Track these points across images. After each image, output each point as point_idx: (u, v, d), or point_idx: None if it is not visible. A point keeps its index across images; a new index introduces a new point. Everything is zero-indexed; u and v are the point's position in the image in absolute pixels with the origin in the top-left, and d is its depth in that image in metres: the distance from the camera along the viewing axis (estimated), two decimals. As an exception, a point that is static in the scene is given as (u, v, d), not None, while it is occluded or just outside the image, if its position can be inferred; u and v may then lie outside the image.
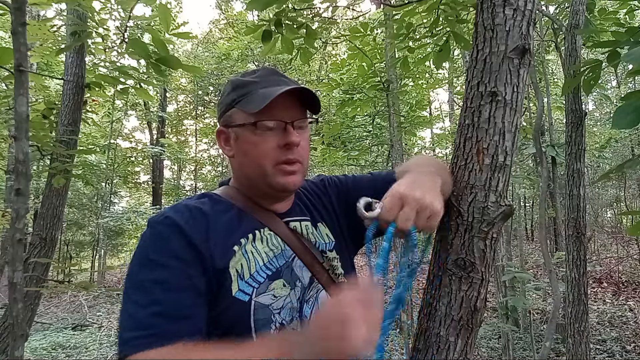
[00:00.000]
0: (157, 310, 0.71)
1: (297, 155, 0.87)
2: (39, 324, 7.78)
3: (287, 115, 0.86)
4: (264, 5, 2.18)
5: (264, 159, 0.86)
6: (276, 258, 0.86)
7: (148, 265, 0.76)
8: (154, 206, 13.59)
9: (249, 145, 0.87)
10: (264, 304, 0.81)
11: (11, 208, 1.21)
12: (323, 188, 1.06)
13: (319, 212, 1.00)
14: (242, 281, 0.80)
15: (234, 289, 0.79)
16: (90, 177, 9.80)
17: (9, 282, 1.18)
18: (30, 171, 1.21)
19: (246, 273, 0.81)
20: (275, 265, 0.85)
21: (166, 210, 0.83)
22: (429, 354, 0.92)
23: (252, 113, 0.84)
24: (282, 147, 0.85)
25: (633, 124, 1.42)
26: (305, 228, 0.94)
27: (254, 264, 0.82)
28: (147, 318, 0.71)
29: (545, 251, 2.80)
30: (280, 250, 0.88)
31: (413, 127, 7.07)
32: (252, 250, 0.84)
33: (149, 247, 0.78)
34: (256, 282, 0.81)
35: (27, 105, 1.21)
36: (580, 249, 2.81)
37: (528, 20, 0.95)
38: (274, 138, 0.85)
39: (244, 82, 0.89)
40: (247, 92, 0.87)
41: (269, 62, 11.08)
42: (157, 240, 0.78)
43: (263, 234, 0.88)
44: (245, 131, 0.86)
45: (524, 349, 5.53)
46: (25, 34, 1.21)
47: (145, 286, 0.74)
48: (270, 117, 0.84)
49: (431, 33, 2.84)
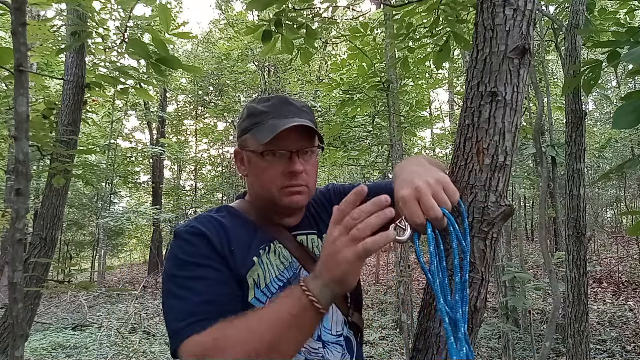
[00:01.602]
0: (203, 299, 0.80)
1: (301, 180, 0.95)
2: (39, 324, 7.78)
3: (293, 145, 0.94)
4: (264, 5, 2.19)
5: (271, 184, 0.95)
6: (286, 270, 0.94)
7: (184, 267, 0.85)
8: (153, 206, 13.59)
9: (258, 170, 0.96)
10: None
11: (11, 208, 1.21)
12: (329, 197, 1.12)
13: (324, 224, 1.03)
14: (258, 290, 0.88)
15: (250, 295, 0.87)
16: (90, 177, 9.79)
17: (9, 282, 1.18)
18: (30, 171, 1.20)
19: (262, 282, 0.89)
20: (286, 277, 0.93)
21: (191, 221, 0.93)
22: (429, 354, 0.92)
23: (261, 143, 0.92)
24: (287, 174, 0.94)
25: (633, 124, 1.42)
26: (311, 241, 1.02)
27: (269, 275, 0.91)
28: (195, 307, 0.79)
29: (545, 251, 2.80)
30: (289, 263, 0.95)
31: (413, 127, 7.07)
32: (267, 262, 0.92)
33: (182, 252, 0.87)
34: (270, 292, 0.89)
35: (27, 105, 1.21)
36: (580, 249, 2.81)
37: (528, 20, 0.95)
38: (279, 165, 0.94)
39: (257, 110, 0.98)
40: (258, 121, 0.96)
41: (269, 62, 11.08)
42: (187, 245, 0.87)
43: (275, 247, 0.96)
44: (255, 157, 0.96)
45: (524, 349, 5.54)
46: (25, 34, 1.21)
47: (187, 284, 0.82)
48: (277, 147, 0.93)
49: (431, 33, 2.84)
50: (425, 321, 0.94)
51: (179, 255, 0.86)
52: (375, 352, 6.06)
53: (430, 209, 0.76)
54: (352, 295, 1.02)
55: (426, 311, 0.95)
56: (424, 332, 0.94)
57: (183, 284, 0.83)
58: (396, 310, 7.14)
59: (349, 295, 1.01)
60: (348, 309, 1.00)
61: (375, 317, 7.74)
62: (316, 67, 12.96)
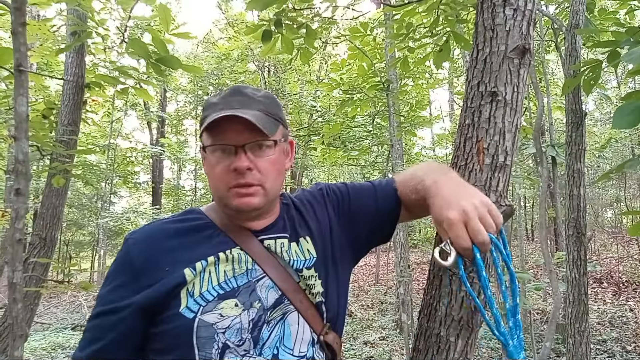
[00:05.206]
0: (93, 350, 0.82)
1: (250, 178, 0.84)
2: (39, 324, 7.79)
3: (238, 139, 0.84)
4: (264, 5, 2.18)
5: (219, 182, 0.86)
6: (235, 278, 0.84)
7: (105, 281, 0.87)
8: (153, 206, 13.59)
9: (209, 168, 0.89)
10: (207, 323, 0.80)
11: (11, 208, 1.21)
12: (320, 197, 1.02)
13: (307, 225, 0.97)
14: (192, 299, 0.81)
15: (182, 305, 0.80)
16: (90, 177, 9.80)
17: (8, 282, 1.18)
18: (30, 171, 1.20)
19: (196, 291, 0.82)
20: (232, 285, 0.84)
21: (138, 230, 0.91)
22: (429, 354, 0.91)
23: (207, 136, 0.86)
24: (232, 172, 0.84)
25: (633, 124, 1.42)
26: (280, 246, 0.91)
27: (206, 284, 0.83)
28: (87, 354, 0.82)
29: (546, 251, 2.80)
30: (245, 270, 0.86)
31: (413, 127, 7.07)
32: (211, 270, 0.84)
33: (113, 263, 0.88)
34: (204, 301, 0.81)
35: (27, 105, 1.21)
36: (581, 249, 2.81)
37: (528, 20, 0.94)
38: (225, 162, 0.85)
39: (209, 103, 0.91)
40: (207, 114, 0.88)
41: (269, 62, 11.07)
42: (117, 259, 0.88)
43: (230, 253, 0.86)
44: (207, 153, 0.88)
45: (524, 349, 5.53)
46: (25, 34, 1.21)
47: (93, 319, 0.85)
48: (220, 141, 0.85)
49: (431, 33, 2.83)
50: (425, 322, 0.94)
51: (111, 267, 0.88)
52: (375, 353, 6.05)
53: (479, 233, 0.72)
54: (330, 311, 0.91)
55: (426, 312, 0.95)
56: (424, 333, 0.94)
57: (94, 313, 0.84)
58: (396, 310, 7.14)
59: (324, 311, 0.89)
60: (322, 327, 0.88)
61: (375, 318, 7.74)
62: (316, 67, 12.95)
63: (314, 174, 15.16)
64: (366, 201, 1.00)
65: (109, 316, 0.82)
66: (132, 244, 0.87)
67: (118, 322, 0.82)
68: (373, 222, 0.99)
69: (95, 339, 0.82)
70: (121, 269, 0.86)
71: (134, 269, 0.84)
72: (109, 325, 0.82)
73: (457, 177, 0.88)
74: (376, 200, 0.99)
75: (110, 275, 0.87)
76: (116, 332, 0.81)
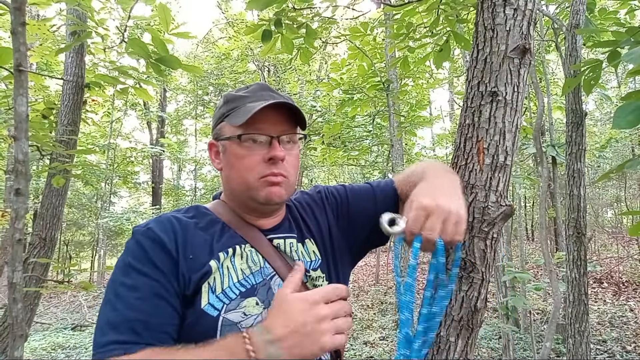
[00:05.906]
0: (132, 317, 0.73)
1: (282, 169, 0.86)
2: (39, 324, 7.79)
3: (274, 130, 0.86)
4: (264, 5, 2.18)
5: (249, 172, 0.86)
6: (253, 275, 0.85)
7: (128, 272, 0.78)
8: (153, 206, 13.60)
9: (235, 158, 0.87)
10: (232, 321, 0.79)
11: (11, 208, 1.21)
12: (319, 200, 1.03)
13: (308, 228, 0.97)
14: (213, 295, 0.80)
15: (204, 301, 0.79)
16: (90, 177, 9.80)
17: (8, 282, 1.18)
18: (29, 171, 1.20)
19: (218, 288, 0.80)
20: (251, 282, 0.84)
21: (150, 222, 0.85)
22: (429, 354, 0.91)
23: (239, 126, 0.85)
24: (267, 161, 0.85)
25: (633, 124, 1.42)
26: (290, 246, 0.92)
27: (227, 280, 0.82)
28: (123, 324, 0.73)
29: (546, 251, 2.80)
30: (259, 268, 0.86)
31: (413, 127, 7.07)
32: (229, 266, 0.83)
33: (131, 255, 0.80)
34: (227, 298, 0.80)
35: (27, 105, 1.21)
36: (581, 249, 2.81)
37: (528, 20, 0.94)
38: (259, 151, 0.85)
39: (234, 96, 0.90)
40: (235, 106, 0.88)
41: (269, 62, 11.08)
42: (138, 249, 0.80)
43: (244, 250, 0.86)
44: (232, 144, 0.87)
45: (524, 349, 5.53)
46: (24, 34, 1.21)
47: (123, 292, 0.76)
48: (256, 131, 0.85)
49: (431, 33, 2.84)
50: (425, 321, 0.94)
51: (127, 259, 0.80)
52: (375, 353, 6.05)
53: (432, 230, 0.75)
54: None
55: (426, 311, 0.95)
56: (424, 333, 0.94)
57: (119, 292, 0.76)
58: (396, 310, 7.14)
59: None
60: None
61: (375, 317, 7.74)
62: (316, 67, 12.95)
63: (314, 174, 15.17)
64: (365, 204, 1.00)
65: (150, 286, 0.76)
66: (154, 228, 0.81)
67: (161, 290, 0.76)
68: (372, 225, 0.98)
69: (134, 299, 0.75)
70: (152, 248, 0.79)
71: (166, 250, 0.79)
72: (151, 293, 0.75)
73: (455, 181, 0.88)
74: (375, 202, 0.99)
75: (137, 258, 0.78)
76: (161, 299, 0.76)
